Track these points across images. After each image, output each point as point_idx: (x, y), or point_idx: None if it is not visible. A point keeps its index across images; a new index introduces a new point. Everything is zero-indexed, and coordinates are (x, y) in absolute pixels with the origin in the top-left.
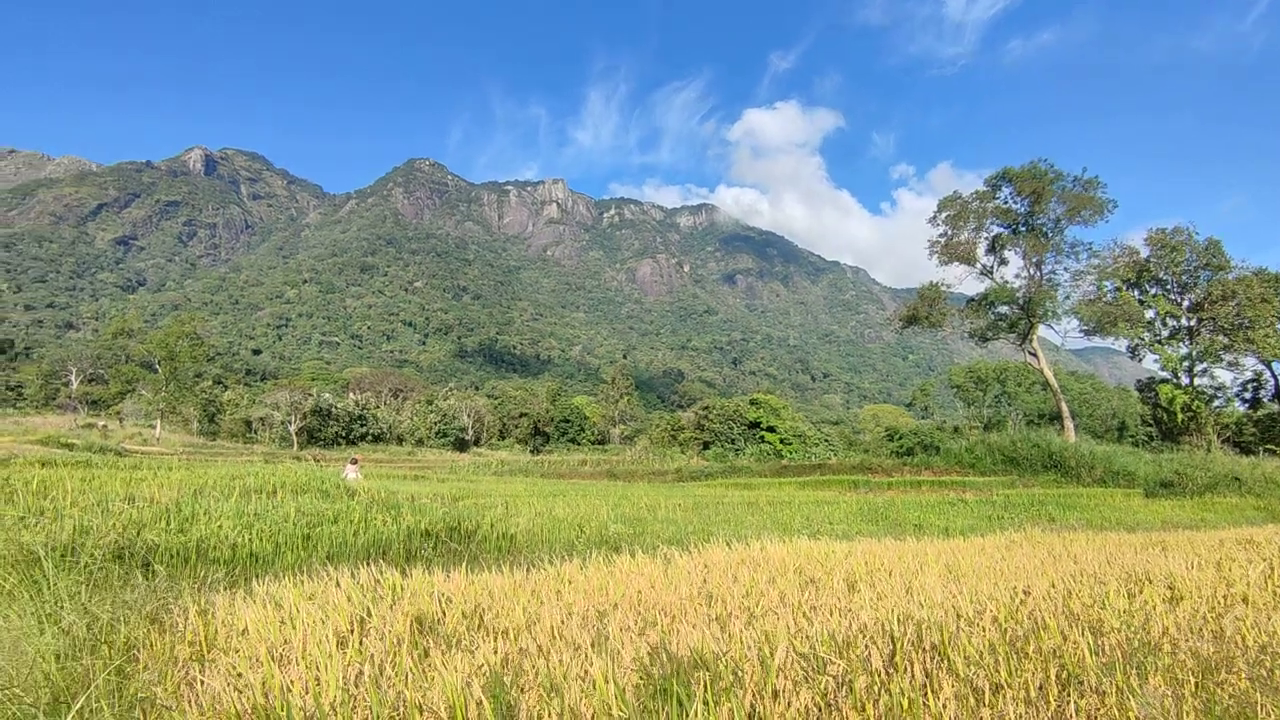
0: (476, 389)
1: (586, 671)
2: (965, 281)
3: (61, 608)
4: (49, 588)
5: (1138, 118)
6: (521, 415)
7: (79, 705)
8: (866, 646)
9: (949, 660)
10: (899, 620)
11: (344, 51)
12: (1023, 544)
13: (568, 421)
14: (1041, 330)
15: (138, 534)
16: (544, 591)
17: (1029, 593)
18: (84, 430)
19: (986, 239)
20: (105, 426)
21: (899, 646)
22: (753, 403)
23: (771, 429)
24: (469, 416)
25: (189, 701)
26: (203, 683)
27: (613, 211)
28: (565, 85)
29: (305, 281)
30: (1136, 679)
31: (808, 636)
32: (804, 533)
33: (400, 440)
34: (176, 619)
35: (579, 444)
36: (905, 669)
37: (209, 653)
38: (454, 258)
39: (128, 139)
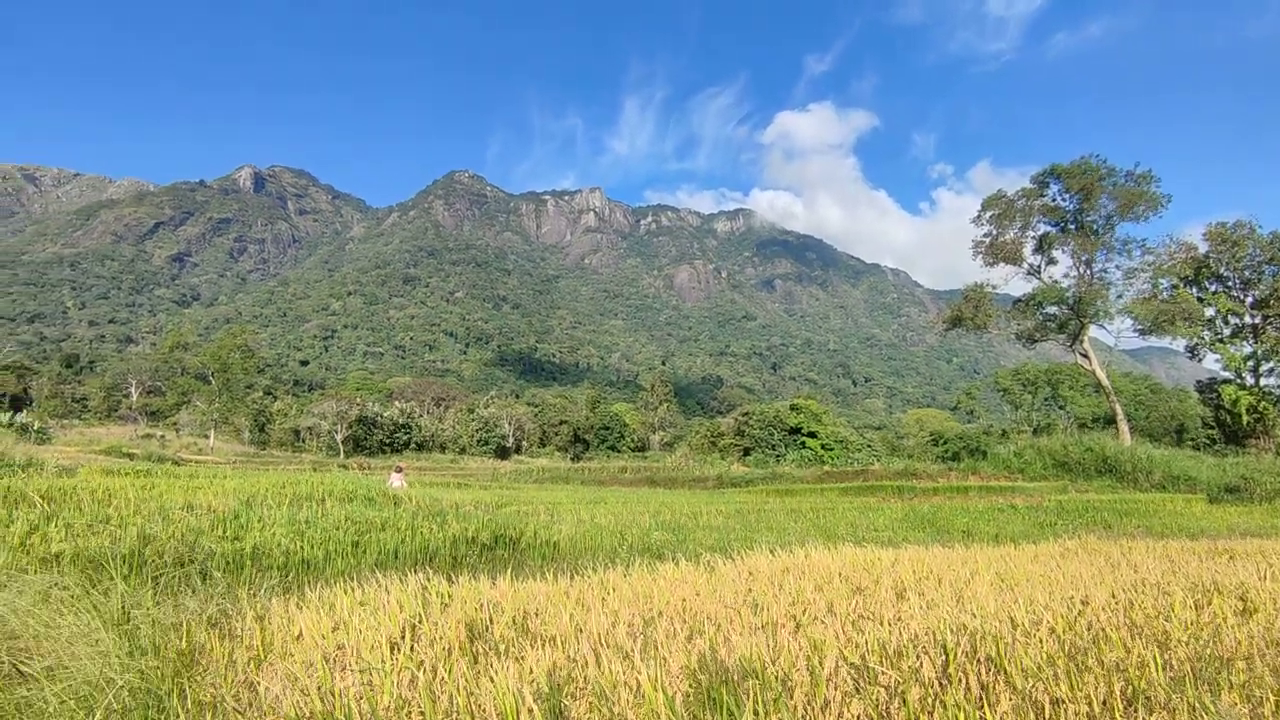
0: (517, 397)
1: (636, 680)
2: (1011, 282)
3: (128, 612)
4: (117, 592)
5: (1192, 109)
6: (561, 423)
7: (150, 705)
8: (919, 657)
9: (1005, 672)
10: (951, 630)
11: (385, 69)
12: (1078, 551)
13: (607, 429)
14: (1093, 330)
15: (196, 541)
16: (589, 599)
17: (1087, 602)
18: (143, 440)
19: (1034, 238)
20: (163, 436)
21: (952, 657)
22: (793, 408)
23: (813, 434)
24: (510, 424)
25: (251, 705)
26: (265, 687)
27: (650, 219)
28: (601, 95)
29: (350, 294)
30: (1209, 695)
31: (857, 646)
32: (849, 540)
33: (443, 448)
34: (235, 624)
35: (619, 451)
36: (960, 681)
37: (267, 657)
38: (493, 268)
39: (183, 160)
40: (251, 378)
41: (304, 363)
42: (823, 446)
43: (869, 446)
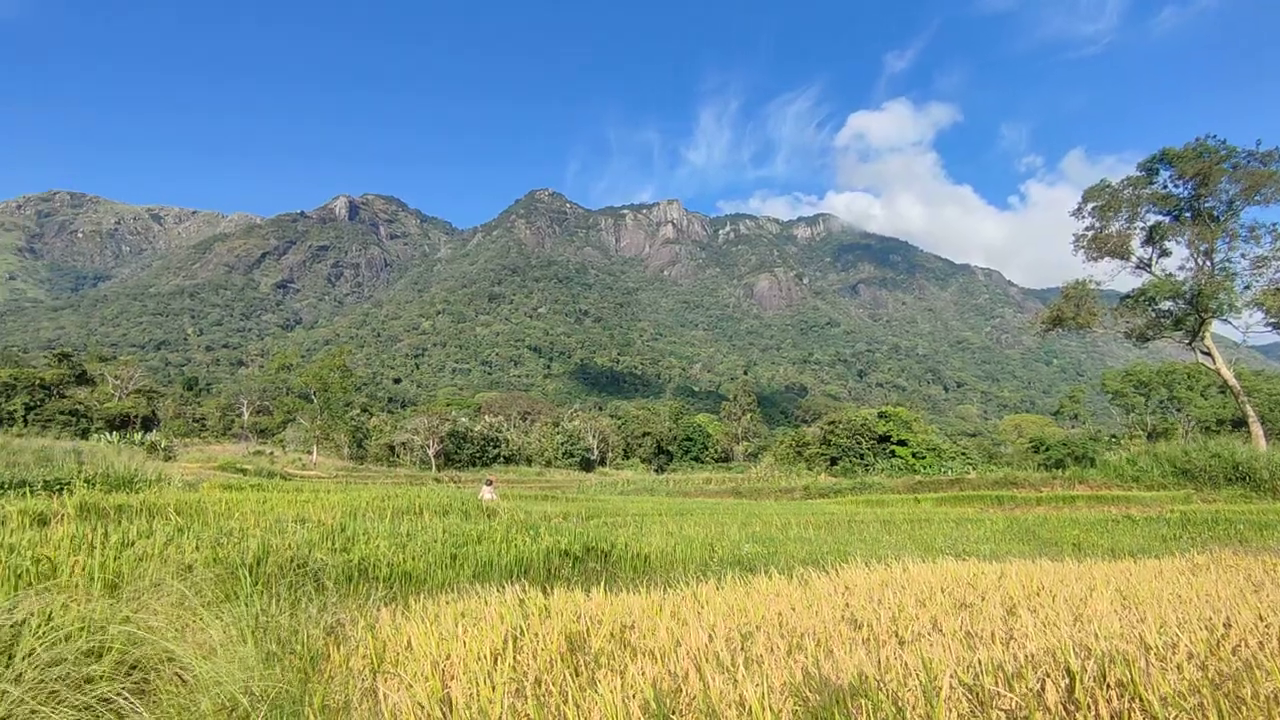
0: (600, 409)
1: (742, 696)
2: (1118, 277)
3: (256, 620)
4: (246, 601)
5: None
6: (645, 434)
7: (285, 710)
8: (1040, 679)
9: (1142, 699)
10: (1074, 650)
11: (468, 100)
12: (1210, 568)
13: (690, 440)
14: (1216, 326)
15: (309, 553)
16: (684, 612)
17: (1230, 625)
18: (254, 456)
19: (1142, 229)
20: (271, 453)
21: (1078, 680)
22: (881, 415)
23: (902, 443)
24: (594, 437)
25: (373, 712)
26: (384, 694)
27: (728, 228)
28: (677, 108)
29: (438, 313)
30: None
31: (969, 666)
32: (947, 553)
33: (529, 461)
34: (349, 632)
35: (702, 462)
36: (1089, 707)
37: (380, 666)
38: (575, 283)
39: (285, 192)
40: (349, 396)
41: (397, 380)
42: (913, 455)
43: (963, 454)
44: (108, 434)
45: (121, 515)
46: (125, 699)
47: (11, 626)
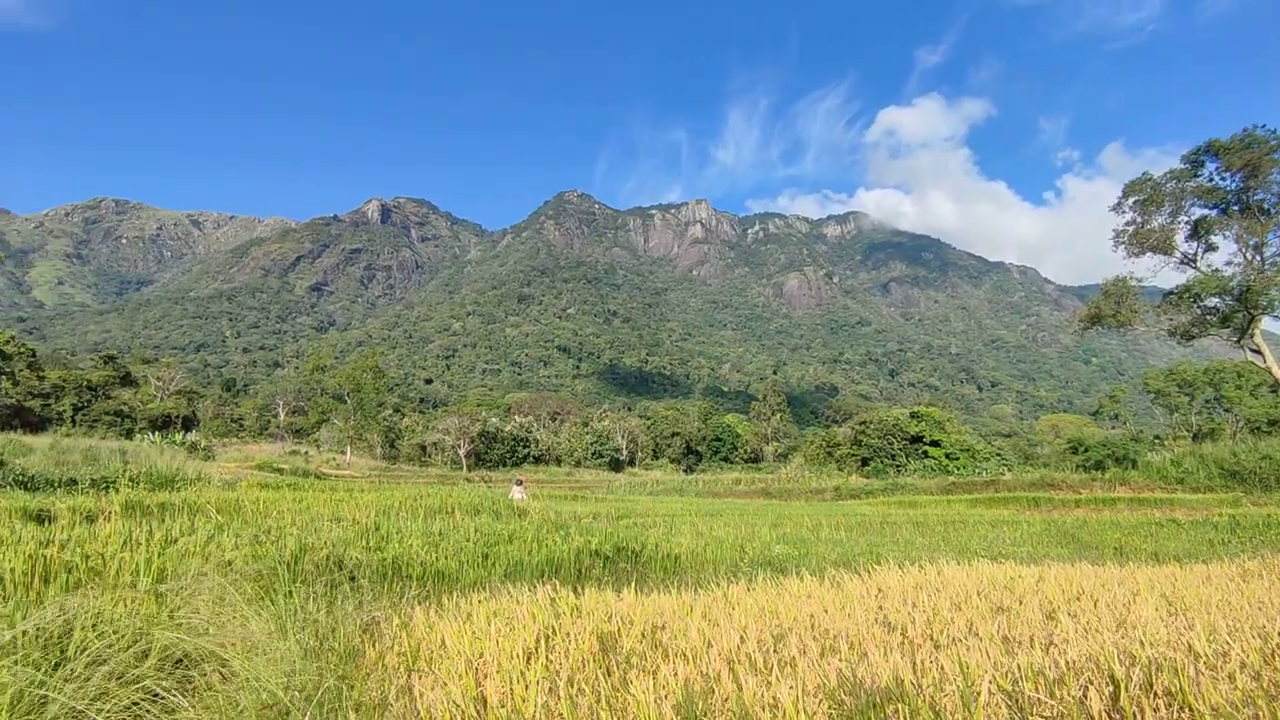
0: (629, 410)
1: (776, 698)
2: (1161, 273)
3: (294, 616)
4: (284, 598)
5: None
6: (674, 435)
7: (325, 705)
8: (1082, 687)
9: (1191, 709)
10: (1118, 657)
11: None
12: (1262, 574)
13: (720, 440)
14: (1266, 323)
15: (344, 551)
16: (715, 613)
17: None
18: (290, 456)
19: (1187, 223)
20: (306, 452)
21: (1123, 688)
22: (913, 416)
23: (935, 443)
24: (623, 437)
25: (409, 709)
26: (420, 691)
27: (757, 227)
28: (705, 107)
29: (469, 314)
30: None
31: (1008, 671)
32: (983, 555)
33: (559, 461)
34: (384, 630)
35: (732, 462)
36: (1134, 716)
37: (415, 663)
38: (603, 283)
39: (319, 197)
40: (382, 396)
41: (428, 381)
42: (946, 456)
43: (998, 455)
44: (150, 434)
45: (164, 513)
46: (173, 695)
47: (64, 623)
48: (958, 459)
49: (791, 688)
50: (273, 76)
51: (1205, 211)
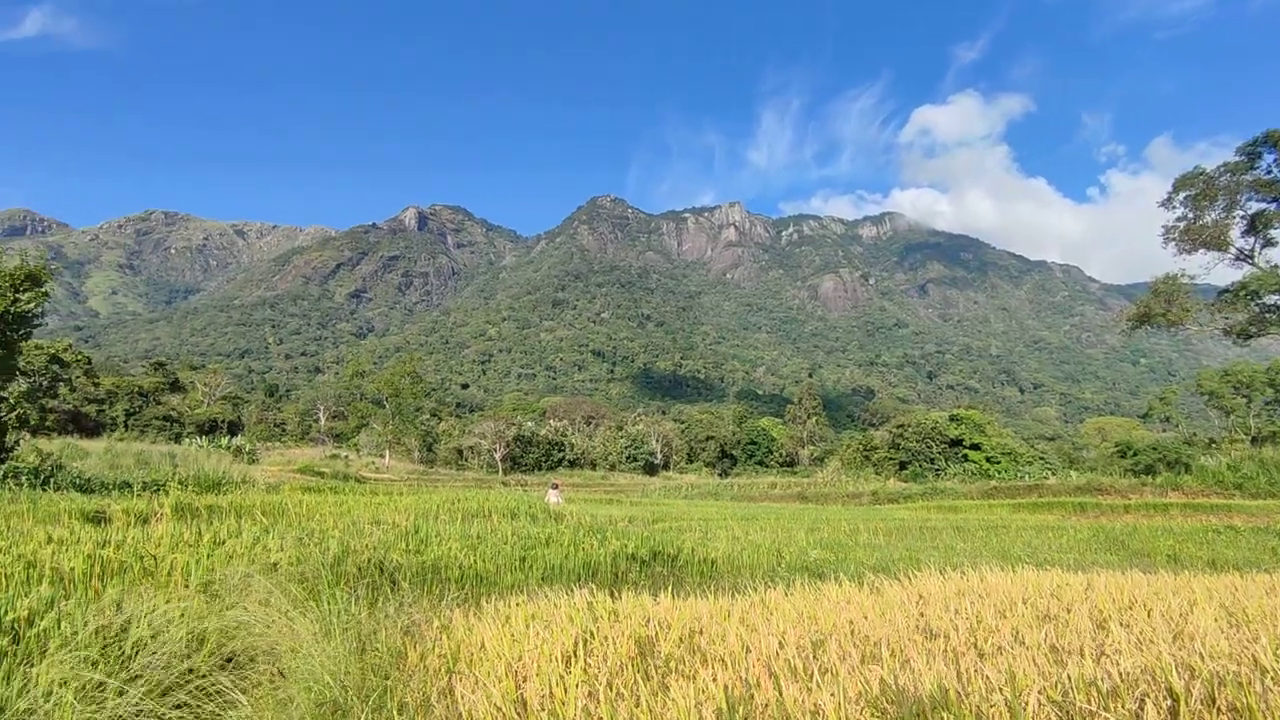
0: (663, 413)
1: (817, 705)
2: (1214, 270)
3: (338, 618)
4: (329, 600)
5: None
6: (708, 438)
7: (370, 704)
8: (1138, 700)
9: None
10: (1176, 669)
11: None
12: None
13: (755, 444)
14: None
15: (385, 554)
16: (752, 618)
17: None
18: (331, 460)
19: (1242, 218)
20: (346, 456)
21: (1183, 702)
22: (953, 419)
23: (975, 446)
24: (657, 441)
25: (451, 710)
26: (462, 694)
27: (791, 229)
28: (738, 108)
29: (504, 319)
30: None
31: (1057, 682)
32: (1028, 561)
33: (594, 465)
34: (424, 632)
35: (767, 466)
36: None
37: (455, 665)
38: (637, 287)
39: (358, 205)
40: (419, 401)
41: (464, 386)
42: (987, 459)
43: (1041, 459)
44: (198, 438)
45: (212, 515)
46: (232, 691)
47: (123, 621)
48: (999, 463)
49: (833, 695)
50: (312, 86)
51: (1263, 205)
